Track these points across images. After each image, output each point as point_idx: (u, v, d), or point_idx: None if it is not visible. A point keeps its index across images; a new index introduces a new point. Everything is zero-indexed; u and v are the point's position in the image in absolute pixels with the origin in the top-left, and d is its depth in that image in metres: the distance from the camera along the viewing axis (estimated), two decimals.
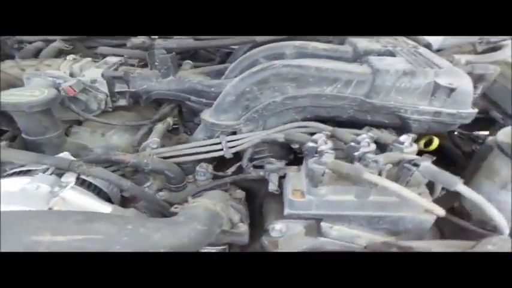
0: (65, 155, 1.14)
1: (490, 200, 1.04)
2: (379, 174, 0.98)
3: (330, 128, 1.19)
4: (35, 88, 1.22)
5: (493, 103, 1.65)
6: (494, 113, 1.63)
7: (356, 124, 1.33)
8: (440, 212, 0.99)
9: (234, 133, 1.33)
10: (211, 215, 0.97)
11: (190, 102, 1.50)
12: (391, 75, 1.21)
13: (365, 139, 1.08)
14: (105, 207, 1.03)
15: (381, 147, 1.10)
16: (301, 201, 1.04)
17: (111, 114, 1.52)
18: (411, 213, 1.05)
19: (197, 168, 1.30)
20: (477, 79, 1.32)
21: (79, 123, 1.49)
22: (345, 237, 1.05)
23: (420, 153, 1.06)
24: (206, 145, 1.32)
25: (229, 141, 1.30)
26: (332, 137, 1.15)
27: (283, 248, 1.11)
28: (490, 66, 1.30)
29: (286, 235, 1.11)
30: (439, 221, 1.05)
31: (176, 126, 1.63)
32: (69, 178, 1.05)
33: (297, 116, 1.32)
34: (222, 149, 1.30)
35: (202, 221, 0.92)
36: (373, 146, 1.08)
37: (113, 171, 1.28)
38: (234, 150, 1.29)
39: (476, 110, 1.24)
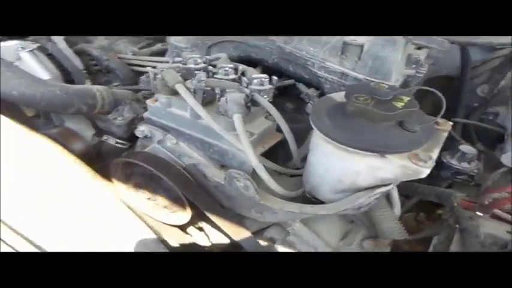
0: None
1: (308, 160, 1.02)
2: (194, 92, 1.08)
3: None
4: None
5: None
6: None
7: (283, 74, 1.38)
8: (252, 158, 1.02)
9: None
10: (82, 92, 1.25)
11: None
12: None
13: (225, 67, 1.18)
14: (44, 74, 1.45)
15: None
16: (153, 106, 1.22)
17: None
18: (234, 149, 1.10)
19: (140, 77, 1.59)
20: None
21: None
22: (175, 151, 1.18)
23: None
24: (165, 62, 1.59)
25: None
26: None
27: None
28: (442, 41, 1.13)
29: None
30: None
31: None
32: (32, 46, 1.51)
33: (234, 52, 1.45)
34: None
35: (65, 90, 1.22)
36: (232, 76, 1.17)
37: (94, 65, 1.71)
38: None
39: (394, 84, 1.14)
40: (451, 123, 0.94)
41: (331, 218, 1.12)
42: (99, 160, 1.41)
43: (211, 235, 1.18)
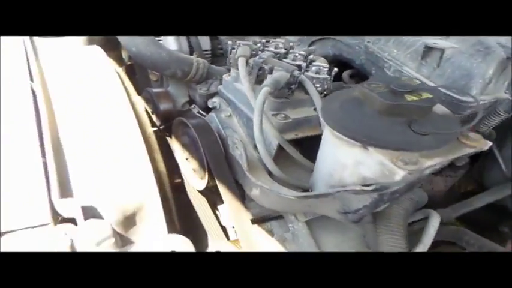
0: None
1: None
2: (252, 67, 1.13)
3: None
4: None
5: None
6: None
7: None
8: (257, 129, 1.00)
9: None
10: (182, 59, 1.40)
11: None
12: None
13: (296, 53, 1.19)
14: (173, 44, 1.67)
15: None
16: (225, 79, 1.30)
17: None
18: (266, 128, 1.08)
19: None
20: None
21: None
22: (224, 123, 1.23)
23: None
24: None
25: None
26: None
27: None
28: None
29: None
30: None
31: None
32: None
33: (330, 50, 1.44)
34: None
35: (169, 55, 1.39)
36: (299, 62, 1.18)
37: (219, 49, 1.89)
38: None
39: (474, 102, 0.97)
40: (490, 143, 0.75)
41: (346, 236, 1.01)
42: None
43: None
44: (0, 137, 0.88)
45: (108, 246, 0.71)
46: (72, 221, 0.78)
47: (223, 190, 1.08)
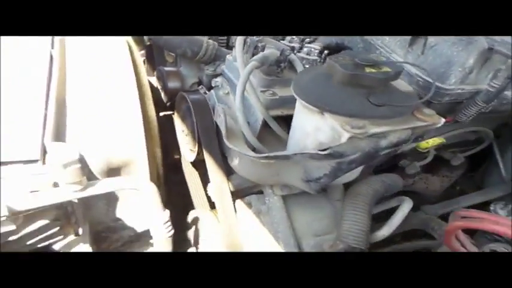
0: None
1: None
2: (249, 45, 1.19)
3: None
4: None
5: None
6: None
7: None
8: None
9: None
10: (193, 40, 1.47)
11: None
12: None
13: (293, 36, 1.25)
14: None
15: None
16: (228, 59, 1.38)
17: None
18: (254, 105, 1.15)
19: None
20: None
21: None
22: (221, 99, 1.29)
23: None
24: None
25: None
26: None
27: None
28: None
29: None
30: None
31: None
32: None
33: (333, 39, 1.48)
34: None
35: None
36: (294, 44, 1.24)
37: None
38: None
39: (454, 89, 1.01)
40: (443, 120, 0.79)
41: (319, 215, 1.06)
42: None
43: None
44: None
45: (74, 171, 0.79)
46: None
47: (209, 161, 1.15)
